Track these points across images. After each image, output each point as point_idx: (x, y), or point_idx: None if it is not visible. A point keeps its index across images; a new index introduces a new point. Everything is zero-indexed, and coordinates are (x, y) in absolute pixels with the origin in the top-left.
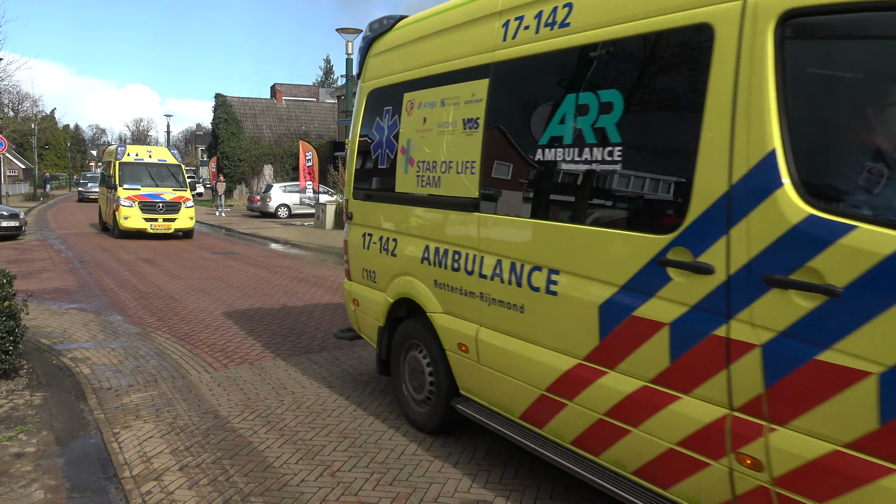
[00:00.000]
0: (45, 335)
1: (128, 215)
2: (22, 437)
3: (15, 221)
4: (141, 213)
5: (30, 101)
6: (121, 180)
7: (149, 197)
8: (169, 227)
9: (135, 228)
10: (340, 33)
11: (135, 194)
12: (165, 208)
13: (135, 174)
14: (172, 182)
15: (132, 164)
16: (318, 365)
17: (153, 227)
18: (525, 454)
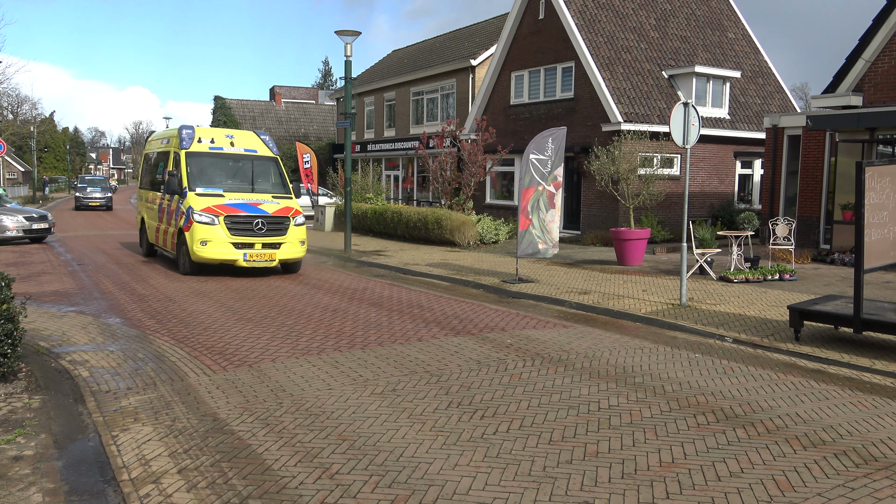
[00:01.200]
0: (43, 338)
1: (207, 238)
2: (20, 440)
3: (44, 223)
4: (228, 234)
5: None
6: (191, 181)
7: (241, 209)
8: (271, 256)
9: (218, 259)
10: (339, 35)
11: (217, 205)
12: (267, 227)
13: (212, 172)
14: (270, 184)
15: (206, 155)
16: (318, 367)
17: (248, 259)
18: (519, 461)
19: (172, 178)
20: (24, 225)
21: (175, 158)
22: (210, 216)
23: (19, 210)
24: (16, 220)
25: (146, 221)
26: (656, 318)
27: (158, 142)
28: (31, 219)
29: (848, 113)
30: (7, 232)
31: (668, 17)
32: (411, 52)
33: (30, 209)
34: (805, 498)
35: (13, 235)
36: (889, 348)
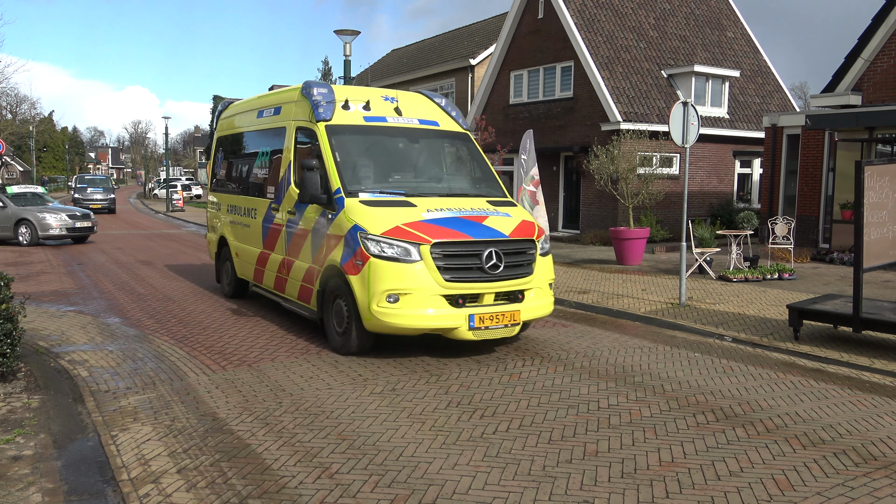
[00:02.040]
0: (42, 338)
1: (401, 287)
2: (19, 440)
3: (87, 222)
4: (440, 278)
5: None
6: (346, 178)
7: (456, 228)
8: (513, 318)
9: (422, 328)
10: (339, 35)
11: (411, 223)
12: (505, 262)
13: (378, 161)
14: (470, 179)
15: (365, 132)
16: (317, 367)
17: (477, 326)
18: (519, 460)
19: (310, 175)
20: (68, 223)
21: (302, 140)
22: (404, 245)
23: (62, 209)
24: (59, 218)
25: (231, 244)
26: (655, 317)
27: (248, 115)
28: (74, 217)
29: (847, 112)
30: (51, 230)
31: (668, 16)
32: (410, 51)
33: (72, 208)
34: (804, 497)
35: (57, 234)
36: (888, 347)
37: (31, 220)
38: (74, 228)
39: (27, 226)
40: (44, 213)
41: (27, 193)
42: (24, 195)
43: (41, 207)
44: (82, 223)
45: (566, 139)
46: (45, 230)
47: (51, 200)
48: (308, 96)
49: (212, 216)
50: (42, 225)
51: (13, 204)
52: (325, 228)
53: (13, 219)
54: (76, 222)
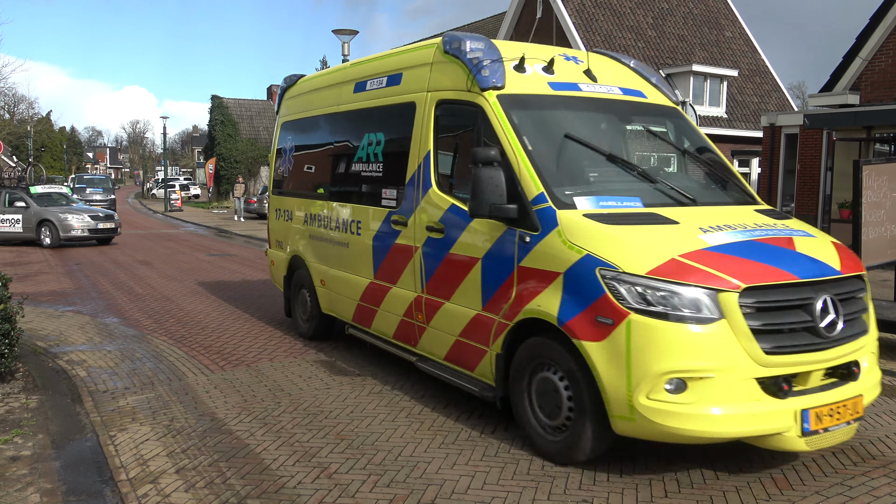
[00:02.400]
0: (41, 338)
1: (706, 366)
2: (18, 441)
3: (111, 223)
4: (758, 350)
5: (26, 103)
6: (547, 175)
7: (773, 263)
8: (855, 407)
9: (729, 434)
10: (337, 35)
11: (695, 251)
12: (845, 316)
13: (587, 151)
14: (713, 180)
15: (559, 103)
16: (316, 366)
17: (813, 428)
18: (518, 460)
19: (489, 174)
20: (90, 224)
21: (449, 120)
22: (695, 292)
23: (85, 209)
24: (81, 219)
25: (313, 267)
26: None
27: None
28: (96, 218)
29: (845, 111)
30: (72, 231)
31: (666, 15)
32: None
33: (96, 208)
34: (803, 496)
35: (79, 235)
36: (886, 346)
37: (53, 220)
38: (97, 230)
39: (49, 227)
40: (66, 214)
41: (52, 193)
42: (49, 195)
43: (64, 208)
44: (105, 224)
45: None
46: (66, 231)
47: (76, 201)
48: (458, 54)
49: (278, 228)
50: (63, 226)
51: (36, 204)
52: (517, 257)
53: (35, 219)
54: (98, 223)
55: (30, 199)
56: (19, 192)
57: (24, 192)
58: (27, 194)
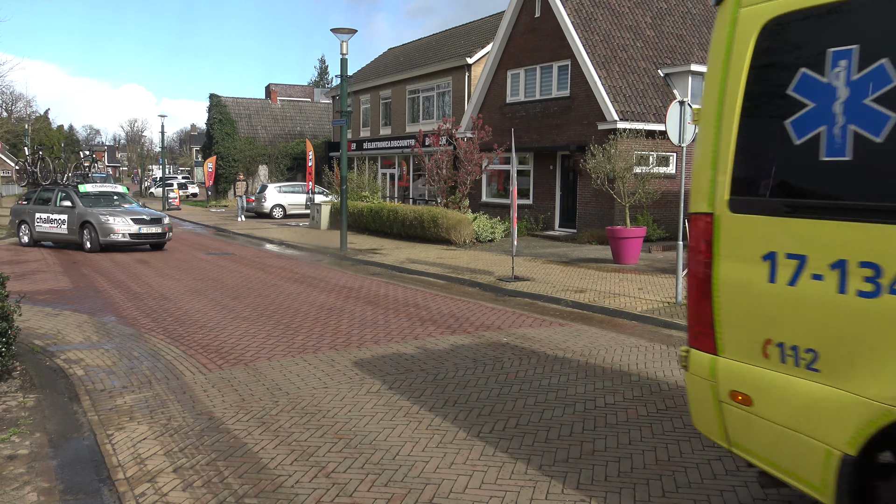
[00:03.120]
0: (38, 337)
1: None
2: (15, 440)
3: (157, 227)
4: None
5: (23, 101)
6: None
7: None
8: None
9: None
10: (335, 34)
11: None
12: None
13: None
14: None
15: None
16: (314, 366)
17: None
18: (516, 459)
19: None
20: (131, 229)
21: None
22: None
23: (130, 211)
24: (123, 222)
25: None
26: (652, 316)
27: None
28: (140, 221)
29: None
30: (112, 235)
31: (664, 15)
32: (407, 50)
33: (144, 210)
34: (801, 495)
35: (119, 240)
36: None
37: (93, 222)
38: (139, 235)
39: (90, 229)
40: (107, 216)
41: (104, 192)
42: (100, 195)
43: (109, 209)
44: (150, 228)
45: (563, 138)
46: (105, 234)
47: (130, 202)
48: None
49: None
50: (103, 228)
51: (82, 204)
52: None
53: (78, 220)
54: (142, 227)
55: (77, 198)
56: (69, 190)
57: (72, 191)
58: (75, 193)
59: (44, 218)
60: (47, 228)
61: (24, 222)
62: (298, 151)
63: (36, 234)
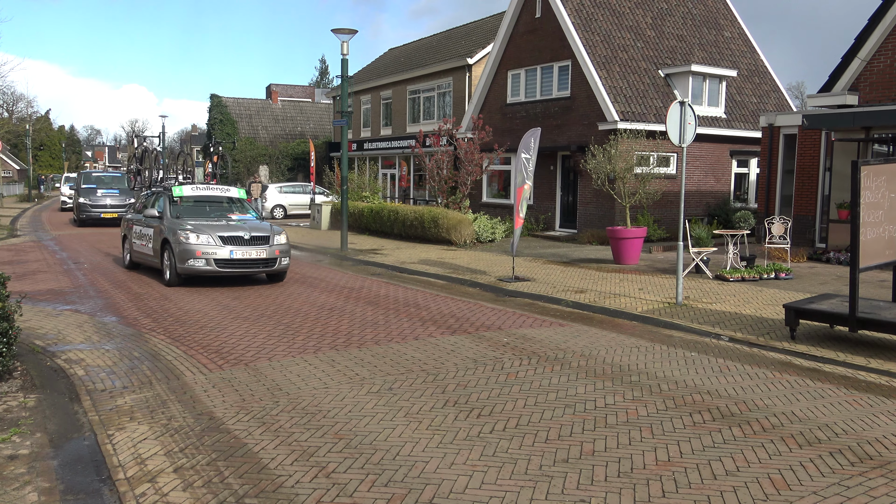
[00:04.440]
0: (39, 337)
1: None
2: (15, 440)
3: (261, 250)
4: None
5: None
6: None
7: None
8: None
9: None
10: (336, 34)
11: None
12: None
13: None
14: None
15: None
16: (314, 366)
17: None
18: (516, 459)
19: None
20: (219, 252)
21: None
22: None
23: (234, 226)
24: (206, 242)
25: None
26: (652, 316)
27: None
28: (234, 240)
29: (844, 112)
30: (190, 262)
31: (665, 15)
32: (408, 50)
33: (250, 223)
34: (800, 496)
35: (200, 268)
36: (884, 347)
37: (171, 241)
38: (231, 262)
39: (169, 251)
40: (188, 232)
41: (210, 198)
42: (203, 201)
43: (202, 222)
44: (249, 251)
45: (563, 138)
46: (183, 260)
47: (247, 211)
48: None
49: None
50: (181, 250)
51: (170, 214)
52: None
53: (160, 238)
54: (236, 249)
55: (167, 204)
56: (162, 195)
57: (165, 196)
58: (168, 198)
59: (138, 232)
60: (140, 247)
61: (126, 238)
62: (299, 152)
63: (134, 253)
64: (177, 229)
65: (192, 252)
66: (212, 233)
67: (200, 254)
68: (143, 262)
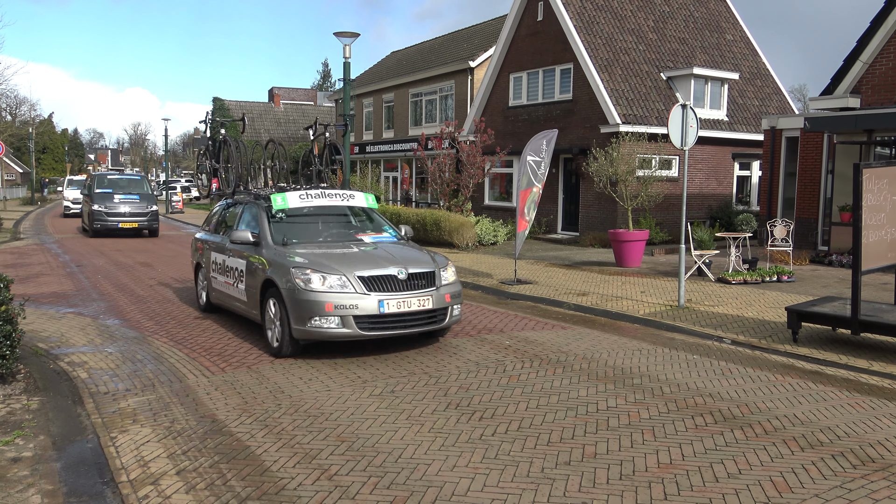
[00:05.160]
0: (42, 339)
1: None
2: (19, 442)
3: (428, 295)
4: None
5: (27, 104)
6: None
7: None
8: None
9: None
10: (338, 37)
11: None
12: None
13: None
14: None
15: None
16: (316, 368)
17: None
18: (518, 462)
19: None
20: (363, 305)
21: None
22: None
23: (370, 257)
24: (342, 286)
25: None
26: (654, 319)
27: None
28: (384, 283)
29: (846, 115)
30: (314, 321)
31: (667, 18)
32: (410, 53)
33: (403, 252)
34: (802, 499)
35: (332, 332)
36: (886, 350)
37: (280, 286)
38: (377, 319)
39: (277, 301)
40: (307, 270)
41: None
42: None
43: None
44: (406, 301)
45: (565, 141)
46: (302, 319)
47: (383, 228)
48: None
49: None
50: (296, 303)
51: (272, 239)
52: None
53: (261, 278)
54: (385, 298)
55: (266, 223)
56: (255, 209)
57: (261, 209)
58: (266, 213)
59: (219, 263)
60: (223, 285)
61: (200, 267)
62: (301, 155)
63: (214, 292)
64: (288, 265)
65: (317, 306)
66: (345, 270)
67: (332, 308)
68: (230, 309)
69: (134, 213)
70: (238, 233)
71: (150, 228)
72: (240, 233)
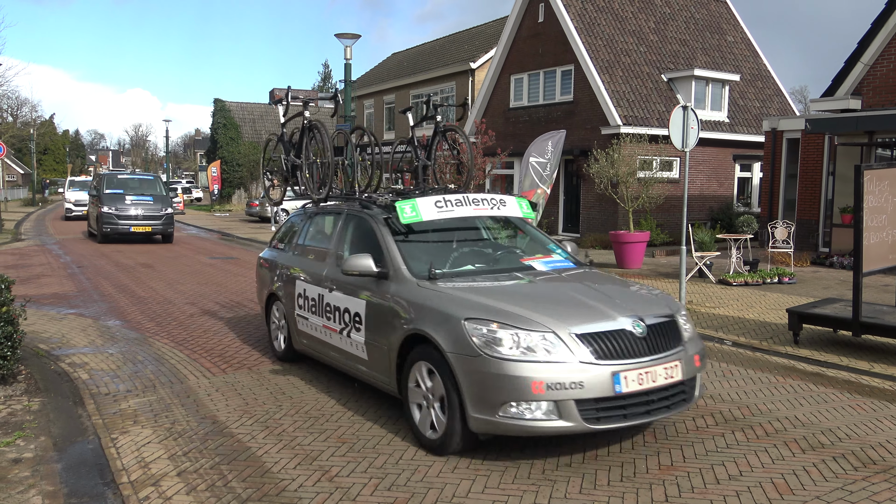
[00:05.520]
0: (43, 340)
1: None
2: (20, 443)
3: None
4: None
5: (29, 106)
6: None
7: None
8: None
9: None
10: (339, 39)
11: None
12: None
13: None
14: None
15: None
16: (317, 370)
17: None
18: (518, 463)
19: None
20: (581, 384)
21: None
22: None
23: (572, 299)
24: (550, 350)
25: None
26: None
27: None
28: (616, 341)
29: (846, 116)
30: (513, 409)
31: (668, 20)
32: (411, 54)
33: (575, 272)
34: (804, 501)
35: (543, 426)
36: (887, 351)
37: (453, 362)
38: (611, 403)
39: (435, 370)
40: (494, 327)
41: (474, 222)
42: (460, 229)
43: (485, 283)
44: (653, 373)
45: (566, 143)
46: (492, 405)
47: (549, 246)
48: None
49: None
50: (486, 381)
51: (405, 267)
52: None
53: (394, 330)
54: (623, 370)
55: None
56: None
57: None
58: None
59: (311, 299)
60: (316, 329)
61: (275, 298)
62: None
63: (300, 335)
64: (456, 314)
65: (518, 384)
66: (553, 324)
67: (542, 388)
68: (329, 363)
69: (147, 217)
70: (354, 260)
71: (165, 233)
72: (357, 259)
